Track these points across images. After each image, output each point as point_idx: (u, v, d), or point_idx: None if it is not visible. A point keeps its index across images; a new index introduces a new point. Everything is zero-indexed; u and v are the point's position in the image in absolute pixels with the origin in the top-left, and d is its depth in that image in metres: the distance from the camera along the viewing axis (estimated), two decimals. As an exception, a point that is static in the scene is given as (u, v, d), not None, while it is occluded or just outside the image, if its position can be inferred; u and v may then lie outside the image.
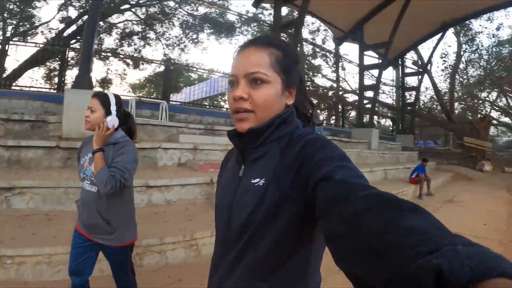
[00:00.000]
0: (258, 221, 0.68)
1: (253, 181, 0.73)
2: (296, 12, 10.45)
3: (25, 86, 9.36)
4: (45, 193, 3.64)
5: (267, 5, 11.07)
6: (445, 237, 0.34)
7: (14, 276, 2.67)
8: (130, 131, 1.97)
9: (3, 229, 3.05)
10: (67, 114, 5.02)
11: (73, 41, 14.23)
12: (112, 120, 1.82)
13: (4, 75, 11.34)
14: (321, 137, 0.72)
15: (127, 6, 14.80)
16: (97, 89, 13.83)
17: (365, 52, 12.01)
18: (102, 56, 15.14)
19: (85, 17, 13.57)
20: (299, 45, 8.65)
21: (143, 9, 15.77)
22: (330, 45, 20.02)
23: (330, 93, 21.36)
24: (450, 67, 18.99)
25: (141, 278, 2.34)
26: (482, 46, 18.33)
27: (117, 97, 1.89)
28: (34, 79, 14.00)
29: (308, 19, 13.86)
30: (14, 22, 14.79)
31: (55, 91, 8.53)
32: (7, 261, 2.65)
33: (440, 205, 6.66)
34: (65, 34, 14.21)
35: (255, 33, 18.24)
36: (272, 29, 9.03)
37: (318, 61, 21.91)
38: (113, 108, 1.83)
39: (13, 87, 9.46)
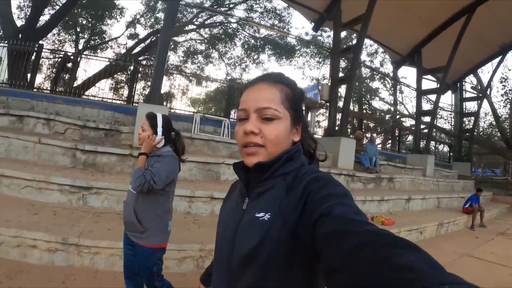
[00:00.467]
0: (263, 256, 0.69)
1: (257, 215, 0.74)
2: (355, 36, 11.03)
3: (97, 96, 10.66)
4: (119, 194, 4.17)
5: (326, 28, 11.66)
6: (435, 277, 0.38)
7: (88, 263, 3.17)
8: (177, 149, 2.32)
9: (80, 223, 3.56)
10: (139, 126, 6.00)
11: (141, 58, 15.80)
12: (157, 139, 2.20)
13: (75, 85, 12.94)
14: (325, 175, 0.74)
15: (192, 27, 16.20)
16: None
17: (424, 76, 12.28)
18: (168, 72, 16.66)
19: (153, 37, 15.17)
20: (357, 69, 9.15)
21: (207, 30, 17.11)
22: (388, 67, 20.23)
23: (387, 116, 21.45)
24: (511, 92, 18.43)
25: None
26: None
27: (165, 119, 2.26)
28: (102, 89, 15.57)
29: (366, 41, 14.41)
30: (86, 36, 16.59)
31: (125, 103, 9.71)
32: (84, 250, 3.15)
33: (492, 237, 6.81)
34: (133, 49, 15.79)
35: (314, 55, 18.92)
36: (332, 54, 9.59)
37: (375, 84, 22.26)
38: (159, 129, 2.20)
39: (83, 96, 10.80)
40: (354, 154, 8.37)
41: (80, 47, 16.66)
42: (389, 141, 17.19)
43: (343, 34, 15.04)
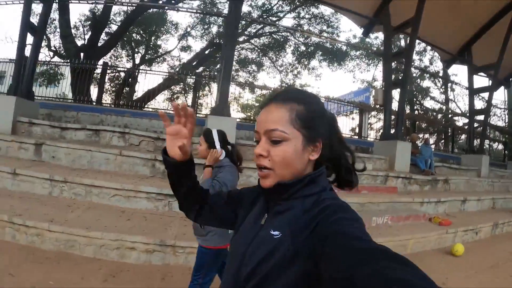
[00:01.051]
0: (267, 272, 0.75)
1: (272, 233, 0.79)
2: (402, 36, 11.49)
3: (159, 109, 11.92)
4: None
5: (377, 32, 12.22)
6: (424, 286, 0.45)
7: (182, 262, 3.77)
8: (234, 160, 2.65)
9: (171, 226, 4.14)
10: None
11: (199, 70, 17.14)
12: (219, 152, 2.56)
13: (135, 98, 14.33)
14: (342, 202, 0.78)
15: (244, 37, 17.31)
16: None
17: (475, 74, 12.64)
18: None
19: (208, 49, 16.44)
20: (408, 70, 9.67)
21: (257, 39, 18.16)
22: (438, 65, 20.36)
23: (439, 116, 21.61)
24: None
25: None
26: None
27: (220, 133, 2.62)
28: (163, 101, 16.92)
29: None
30: (141, 51, 18.06)
31: None
32: (179, 250, 3.78)
33: None
34: (191, 62, 17.13)
35: (363, 57, 19.47)
36: (383, 58, 10.27)
37: (426, 83, 22.41)
38: (217, 143, 2.58)
39: (145, 109, 12.09)
40: (410, 157, 9.03)
41: (137, 61, 18.21)
42: (442, 141, 17.42)
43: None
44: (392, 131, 9.42)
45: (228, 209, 1.09)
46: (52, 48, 15.58)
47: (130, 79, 13.24)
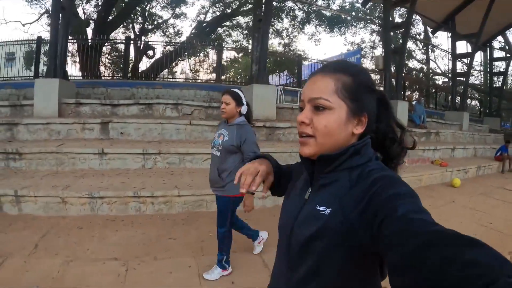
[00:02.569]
0: (320, 248, 0.76)
1: (318, 208, 0.79)
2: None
3: (188, 78, 12.88)
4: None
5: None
6: (503, 270, 0.40)
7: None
8: (248, 117, 2.91)
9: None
10: (256, 103, 7.50)
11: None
12: (244, 109, 2.83)
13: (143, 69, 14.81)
14: (391, 174, 0.76)
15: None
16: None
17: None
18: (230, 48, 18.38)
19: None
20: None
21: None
22: (420, 27, 22.02)
23: (421, 75, 23.62)
24: None
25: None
26: None
27: (241, 92, 2.88)
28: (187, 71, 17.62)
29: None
30: (140, 21, 18.47)
31: (214, 82, 12.13)
32: None
33: None
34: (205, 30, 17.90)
35: (355, 22, 20.97)
36: (383, 29, 11.85)
37: (409, 45, 23.88)
38: (244, 100, 2.83)
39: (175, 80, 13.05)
40: (407, 114, 10.92)
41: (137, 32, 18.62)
42: (423, 98, 19.70)
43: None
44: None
45: (286, 178, 1.13)
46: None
47: (150, 52, 14.05)
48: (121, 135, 6.54)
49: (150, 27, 18.38)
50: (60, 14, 7.55)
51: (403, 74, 12.11)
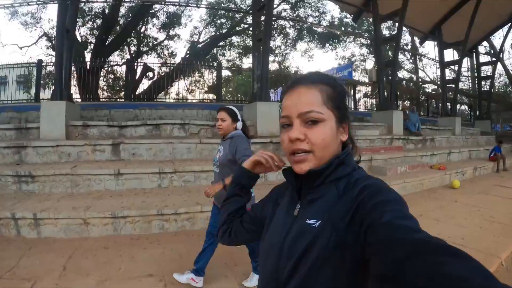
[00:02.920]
0: (311, 261, 0.73)
1: (308, 222, 0.78)
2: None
3: (189, 100, 13.23)
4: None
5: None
6: (486, 284, 0.40)
7: None
8: (245, 132, 2.96)
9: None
10: (260, 120, 8.12)
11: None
12: (240, 125, 2.90)
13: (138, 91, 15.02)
14: (377, 181, 0.77)
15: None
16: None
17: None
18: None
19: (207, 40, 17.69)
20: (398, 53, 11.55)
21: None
22: (407, 38, 22.80)
23: (411, 84, 24.31)
24: None
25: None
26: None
27: (236, 109, 2.95)
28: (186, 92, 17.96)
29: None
30: (135, 43, 18.96)
31: (215, 102, 12.43)
32: None
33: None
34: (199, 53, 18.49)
35: (346, 38, 21.60)
36: (374, 43, 12.43)
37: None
38: (239, 116, 2.91)
39: (179, 100, 13.35)
40: (403, 122, 11.35)
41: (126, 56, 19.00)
42: (414, 107, 20.40)
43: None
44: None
45: (257, 215, 1.09)
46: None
47: (148, 73, 14.37)
48: (133, 156, 6.65)
49: (145, 49, 18.87)
50: (66, 38, 7.68)
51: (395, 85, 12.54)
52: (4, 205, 4.72)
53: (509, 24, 16.62)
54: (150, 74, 14.39)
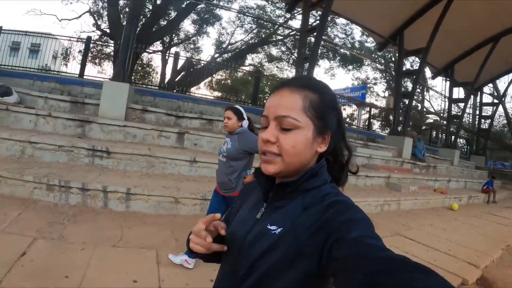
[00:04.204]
0: (266, 269, 0.75)
1: (269, 227, 0.80)
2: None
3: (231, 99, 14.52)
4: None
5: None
6: None
7: None
8: (251, 128, 3.28)
9: None
10: None
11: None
12: (245, 123, 3.22)
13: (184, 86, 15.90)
14: (346, 199, 0.78)
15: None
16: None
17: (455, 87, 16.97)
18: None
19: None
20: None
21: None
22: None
23: (415, 113, 26.32)
24: None
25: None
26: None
27: (242, 109, 3.27)
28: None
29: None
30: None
31: (251, 105, 13.84)
32: None
33: (501, 209, 11.34)
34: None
35: (368, 66, 23.45)
36: (396, 74, 14.10)
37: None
38: (245, 115, 3.21)
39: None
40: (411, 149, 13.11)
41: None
42: (420, 136, 22.28)
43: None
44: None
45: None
46: (103, 28, 17.69)
47: (189, 67, 15.10)
48: (194, 146, 7.36)
49: (176, 41, 20.25)
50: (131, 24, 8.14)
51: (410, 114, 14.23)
52: (87, 177, 5.03)
53: None
54: (191, 69, 15.28)
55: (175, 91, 13.58)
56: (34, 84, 9.07)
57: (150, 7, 17.19)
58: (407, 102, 13.83)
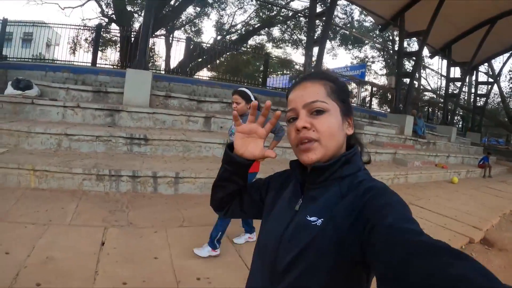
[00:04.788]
0: (309, 259, 0.76)
1: (309, 218, 0.80)
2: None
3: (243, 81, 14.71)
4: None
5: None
6: (489, 286, 0.42)
7: None
8: (259, 108, 3.06)
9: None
10: None
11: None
12: (255, 102, 3.81)
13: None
14: (381, 184, 0.80)
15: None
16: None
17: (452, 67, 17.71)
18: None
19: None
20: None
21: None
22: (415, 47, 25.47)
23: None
24: None
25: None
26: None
27: (248, 90, 3.32)
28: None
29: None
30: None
31: (260, 87, 14.44)
32: None
33: (496, 183, 12.21)
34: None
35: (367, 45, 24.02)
36: (397, 55, 14.72)
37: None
38: (252, 97, 3.25)
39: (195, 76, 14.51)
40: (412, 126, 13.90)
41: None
42: (421, 114, 23.09)
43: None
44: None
45: (256, 197, 1.09)
46: (109, 14, 17.88)
47: (200, 52, 15.43)
48: (220, 129, 7.74)
49: (193, 28, 20.71)
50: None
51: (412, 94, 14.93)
52: (135, 165, 5.35)
53: (510, 52, 19.43)
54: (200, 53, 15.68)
55: (195, 76, 13.95)
56: (46, 75, 9.03)
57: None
58: (407, 82, 14.37)
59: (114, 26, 17.62)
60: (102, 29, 14.43)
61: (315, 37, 11.32)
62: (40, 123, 6.19)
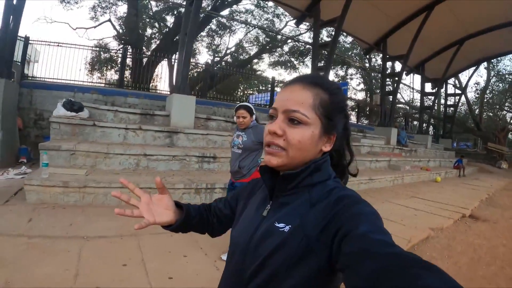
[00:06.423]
0: (275, 266, 0.76)
1: (277, 225, 0.80)
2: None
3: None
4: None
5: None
6: None
7: None
8: (257, 120, 3.63)
9: None
10: None
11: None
12: (255, 116, 3.57)
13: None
14: (353, 193, 0.79)
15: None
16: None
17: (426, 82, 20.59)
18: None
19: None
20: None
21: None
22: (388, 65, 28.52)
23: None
24: (480, 90, 29.42)
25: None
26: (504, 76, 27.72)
27: (250, 105, 3.62)
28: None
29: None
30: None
31: (268, 107, 16.51)
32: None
33: (471, 180, 14.89)
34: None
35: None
36: (382, 78, 17.32)
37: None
38: (254, 110, 3.54)
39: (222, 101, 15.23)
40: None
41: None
42: (404, 126, 25.86)
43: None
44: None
45: (227, 212, 1.11)
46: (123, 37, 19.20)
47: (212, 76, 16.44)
48: None
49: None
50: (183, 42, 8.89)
51: (393, 108, 17.49)
52: (220, 179, 6.00)
53: (475, 67, 22.99)
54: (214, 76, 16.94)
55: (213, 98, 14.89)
56: (75, 96, 9.16)
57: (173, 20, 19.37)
58: (391, 98, 16.95)
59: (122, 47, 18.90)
60: (120, 51, 15.80)
61: (319, 65, 13.59)
62: (105, 144, 6.61)
